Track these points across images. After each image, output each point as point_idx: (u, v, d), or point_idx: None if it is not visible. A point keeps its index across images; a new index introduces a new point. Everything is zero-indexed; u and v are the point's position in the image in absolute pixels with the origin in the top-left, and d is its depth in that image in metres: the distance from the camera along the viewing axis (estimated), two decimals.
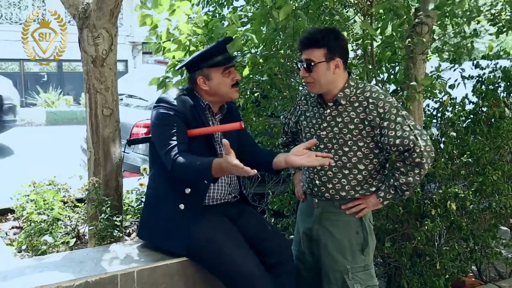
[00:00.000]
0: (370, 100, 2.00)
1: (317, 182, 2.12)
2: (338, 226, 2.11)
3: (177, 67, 2.59)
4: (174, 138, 2.07)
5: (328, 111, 2.09)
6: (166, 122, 2.11)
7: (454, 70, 3.13)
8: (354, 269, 2.07)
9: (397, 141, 1.96)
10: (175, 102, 2.13)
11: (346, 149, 2.05)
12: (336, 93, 2.06)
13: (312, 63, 2.01)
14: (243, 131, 2.31)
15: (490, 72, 3.23)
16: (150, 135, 2.23)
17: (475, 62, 3.26)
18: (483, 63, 3.28)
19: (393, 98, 2.09)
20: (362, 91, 2.04)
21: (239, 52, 2.85)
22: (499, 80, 3.18)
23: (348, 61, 2.15)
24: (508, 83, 3.19)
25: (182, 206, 2.13)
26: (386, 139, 1.98)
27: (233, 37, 2.73)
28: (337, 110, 2.07)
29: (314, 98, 2.17)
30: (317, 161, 1.93)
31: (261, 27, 2.72)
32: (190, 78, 2.25)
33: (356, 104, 2.03)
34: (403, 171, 2.00)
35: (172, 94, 2.19)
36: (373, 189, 2.09)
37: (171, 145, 2.06)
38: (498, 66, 3.27)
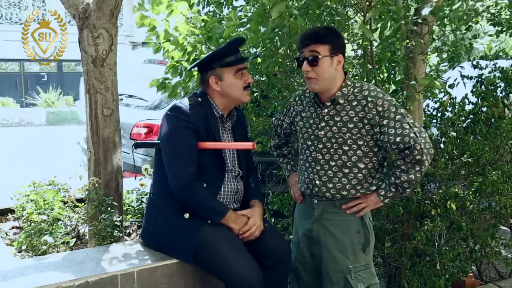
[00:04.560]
0: (369, 99, 2.01)
1: (317, 182, 2.11)
2: (339, 226, 2.10)
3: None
4: (184, 156, 2.09)
5: (326, 110, 2.08)
6: (177, 135, 2.11)
7: (453, 69, 3.13)
8: (357, 268, 2.06)
9: (398, 139, 1.96)
10: (189, 113, 2.12)
11: (346, 148, 2.05)
12: (334, 92, 2.06)
13: (319, 57, 2.01)
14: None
15: (489, 73, 3.23)
16: (158, 141, 2.23)
17: (474, 62, 3.25)
18: (482, 63, 3.28)
19: (391, 97, 2.10)
20: (360, 90, 2.04)
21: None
22: (498, 81, 3.18)
23: (348, 61, 2.16)
24: (507, 84, 3.18)
25: (187, 215, 2.14)
26: (386, 137, 1.98)
27: (230, 35, 2.73)
28: (335, 109, 2.06)
29: (309, 98, 2.16)
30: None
31: (259, 27, 2.71)
32: (202, 78, 2.25)
33: (355, 103, 2.03)
34: (404, 168, 2.00)
35: (186, 101, 2.18)
36: (374, 187, 2.09)
37: (180, 166, 2.08)
38: (497, 66, 3.26)
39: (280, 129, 2.40)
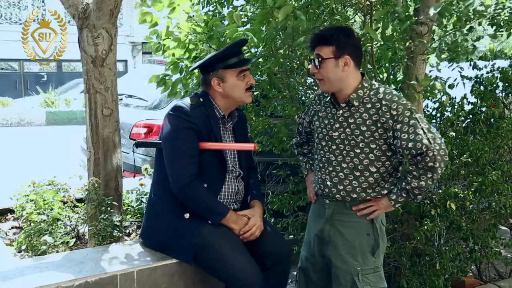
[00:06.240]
0: (384, 102, 1.97)
1: (328, 183, 2.09)
2: (349, 228, 2.08)
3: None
4: (185, 156, 2.09)
5: (341, 111, 2.06)
6: (179, 135, 2.11)
7: (453, 69, 3.13)
8: (365, 271, 2.04)
9: (410, 145, 1.93)
10: (190, 113, 2.12)
11: (358, 150, 2.02)
12: (349, 94, 2.03)
13: (320, 59, 1.99)
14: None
15: (487, 73, 3.23)
16: (159, 141, 2.23)
17: (472, 63, 3.25)
18: (481, 63, 3.28)
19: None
20: (375, 93, 2.01)
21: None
22: (497, 81, 3.18)
23: None
24: (506, 84, 3.18)
25: (187, 215, 2.14)
26: (399, 142, 1.95)
27: (233, 36, 2.74)
28: (350, 111, 2.04)
29: (327, 98, 2.14)
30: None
31: (262, 27, 2.71)
32: (204, 79, 2.24)
33: (369, 106, 2.00)
34: (416, 174, 1.96)
35: (188, 101, 2.18)
36: (385, 191, 2.06)
37: (181, 166, 2.09)
38: (495, 66, 3.26)
39: (301, 127, 2.38)
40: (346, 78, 2.01)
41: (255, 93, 3.19)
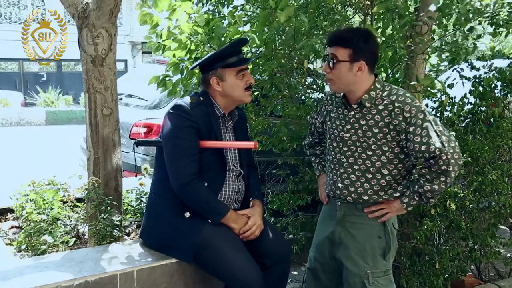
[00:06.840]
0: (396, 104, 1.93)
1: (339, 185, 2.07)
2: (360, 230, 2.06)
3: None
4: (186, 155, 2.10)
5: (352, 113, 2.03)
6: (179, 134, 2.11)
7: (453, 70, 3.12)
8: (375, 274, 2.02)
9: (423, 148, 1.89)
10: (191, 111, 2.12)
11: (370, 153, 2.00)
12: (361, 95, 1.99)
13: (335, 60, 1.96)
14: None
15: (485, 73, 3.22)
16: (160, 139, 2.23)
17: (470, 63, 3.25)
18: (479, 64, 3.27)
19: (421, 102, 2.05)
20: (388, 94, 1.97)
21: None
22: (496, 81, 3.17)
23: None
24: (505, 84, 3.18)
25: (187, 214, 2.14)
26: (412, 144, 1.92)
27: (234, 37, 2.74)
28: (361, 112, 2.00)
29: (339, 98, 2.11)
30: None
31: (264, 28, 2.71)
32: (203, 78, 2.24)
33: (381, 107, 1.96)
34: (428, 178, 1.92)
35: (188, 100, 2.18)
36: (397, 194, 2.03)
37: (182, 164, 2.09)
38: (493, 67, 3.25)
39: (314, 128, 2.34)
40: (359, 82, 1.98)
41: (255, 93, 3.19)
